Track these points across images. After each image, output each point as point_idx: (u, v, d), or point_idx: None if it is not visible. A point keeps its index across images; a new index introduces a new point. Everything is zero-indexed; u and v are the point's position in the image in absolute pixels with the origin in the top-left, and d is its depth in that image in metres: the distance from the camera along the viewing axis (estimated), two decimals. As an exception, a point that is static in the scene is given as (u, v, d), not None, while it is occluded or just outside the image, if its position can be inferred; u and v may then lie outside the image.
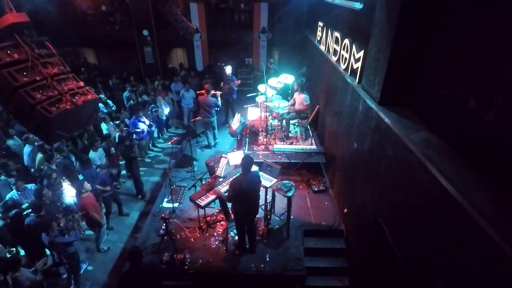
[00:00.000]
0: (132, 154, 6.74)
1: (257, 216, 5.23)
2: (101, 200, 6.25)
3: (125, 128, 7.49)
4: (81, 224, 5.77)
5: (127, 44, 12.05)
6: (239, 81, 9.10)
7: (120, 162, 7.46)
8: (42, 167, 6.20)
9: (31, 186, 5.59)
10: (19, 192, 5.37)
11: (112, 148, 7.04)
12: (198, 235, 5.21)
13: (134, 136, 7.45)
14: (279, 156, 6.83)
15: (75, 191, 5.57)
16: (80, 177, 6.24)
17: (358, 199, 4.58)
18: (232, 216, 4.78)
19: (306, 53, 10.52)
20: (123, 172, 7.72)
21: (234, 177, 4.57)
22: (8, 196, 5.28)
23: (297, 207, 5.73)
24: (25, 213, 5.02)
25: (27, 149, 6.57)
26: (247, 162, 4.28)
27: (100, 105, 8.37)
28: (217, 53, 12.71)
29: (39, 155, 6.31)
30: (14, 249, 4.65)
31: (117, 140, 7.32)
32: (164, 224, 4.99)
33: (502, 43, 2.35)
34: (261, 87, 7.99)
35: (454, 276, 2.29)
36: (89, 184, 5.37)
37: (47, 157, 6.09)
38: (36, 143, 6.64)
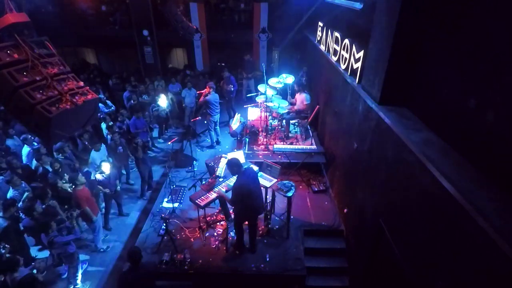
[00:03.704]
0: (136, 154, 6.77)
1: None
2: (102, 197, 6.27)
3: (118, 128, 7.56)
4: (80, 223, 5.81)
5: (127, 44, 12.04)
6: (232, 86, 9.14)
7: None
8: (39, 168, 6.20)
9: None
10: (15, 189, 5.38)
11: (120, 147, 7.04)
12: (198, 235, 5.21)
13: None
14: (279, 156, 6.83)
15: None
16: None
17: (358, 199, 4.58)
18: (232, 216, 4.78)
19: (306, 53, 10.52)
20: (123, 172, 7.71)
21: (234, 182, 4.55)
22: (8, 195, 5.30)
23: (297, 207, 5.72)
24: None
25: (25, 149, 6.56)
26: (233, 164, 4.29)
27: (100, 105, 8.38)
28: (217, 53, 12.71)
29: (34, 162, 6.33)
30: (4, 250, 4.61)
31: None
32: (164, 224, 4.99)
33: (502, 43, 2.35)
34: (261, 87, 8.00)
35: (454, 276, 2.29)
36: (83, 177, 5.38)
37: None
38: (34, 144, 6.65)
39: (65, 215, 5.43)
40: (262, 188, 5.14)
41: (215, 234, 5.25)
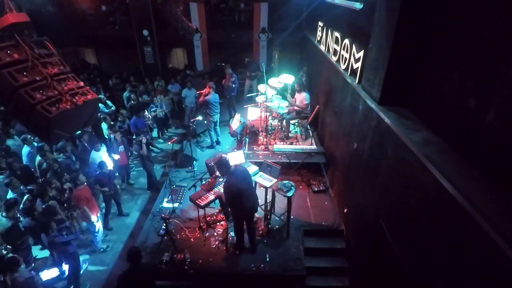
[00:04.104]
0: (141, 151, 6.80)
1: (257, 216, 5.24)
2: (101, 197, 6.27)
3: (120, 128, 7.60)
4: (81, 223, 5.81)
5: (127, 44, 12.05)
6: (233, 79, 9.08)
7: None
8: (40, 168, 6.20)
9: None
10: (14, 192, 5.39)
11: (121, 146, 7.05)
12: (198, 235, 5.21)
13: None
14: (279, 156, 6.83)
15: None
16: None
17: (358, 199, 4.58)
18: (231, 216, 4.78)
19: (306, 53, 10.52)
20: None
21: (224, 182, 4.53)
22: (8, 197, 5.30)
23: (297, 207, 5.72)
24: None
25: (25, 149, 6.57)
26: (222, 164, 4.31)
27: (100, 105, 8.39)
28: (217, 53, 12.71)
29: (38, 157, 6.32)
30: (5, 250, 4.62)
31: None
32: (164, 224, 4.99)
33: (502, 43, 2.35)
34: (261, 87, 8.00)
35: (454, 276, 2.29)
36: (84, 177, 5.38)
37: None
38: (34, 144, 6.65)
39: (65, 214, 5.43)
40: (262, 188, 5.17)
41: (215, 234, 5.25)
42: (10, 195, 5.38)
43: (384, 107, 3.75)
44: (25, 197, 5.31)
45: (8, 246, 4.54)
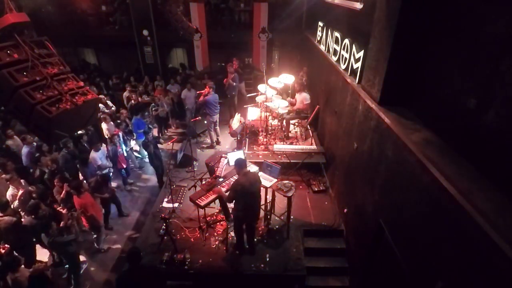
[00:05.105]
0: (148, 150, 6.84)
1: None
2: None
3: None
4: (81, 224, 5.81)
5: (127, 44, 12.04)
6: (233, 75, 9.03)
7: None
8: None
9: None
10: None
11: (120, 149, 7.05)
12: (198, 235, 5.21)
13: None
14: (279, 156, 6.83)
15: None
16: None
17: (358, 199, 4.58)
18: (232, 216, 4.77)
19: (306, 53, 10.52)
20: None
21: (235, 179, 4.52)
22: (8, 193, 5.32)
23: (297, 207, 5.72)
24: None
25: (25, 149, 6.56)
26: (240, 162, 4.31)
27: (100, 105, 8.39)
28: (217, 53, 12.70)
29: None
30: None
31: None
32: (164, 224, 4.99)
33: (502, 42, 2.35)
34: (261, 87, 8.00)
35: (454, 276, 2.29)
36: (87, 184, 5.39)
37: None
38: (34, 144, 6.64)
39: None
40: (262, 188, 5.15)
41: (215, 234, 5.25)
42: (10, 191, 5.38)
43: (384, 107, 3.75)
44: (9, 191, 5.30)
45: (6, 245, 4.53)
